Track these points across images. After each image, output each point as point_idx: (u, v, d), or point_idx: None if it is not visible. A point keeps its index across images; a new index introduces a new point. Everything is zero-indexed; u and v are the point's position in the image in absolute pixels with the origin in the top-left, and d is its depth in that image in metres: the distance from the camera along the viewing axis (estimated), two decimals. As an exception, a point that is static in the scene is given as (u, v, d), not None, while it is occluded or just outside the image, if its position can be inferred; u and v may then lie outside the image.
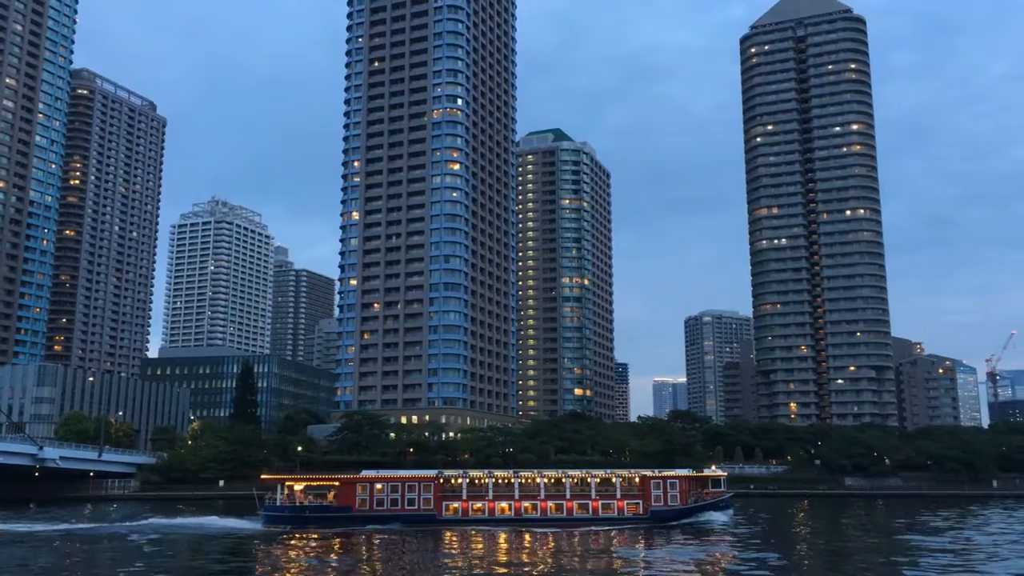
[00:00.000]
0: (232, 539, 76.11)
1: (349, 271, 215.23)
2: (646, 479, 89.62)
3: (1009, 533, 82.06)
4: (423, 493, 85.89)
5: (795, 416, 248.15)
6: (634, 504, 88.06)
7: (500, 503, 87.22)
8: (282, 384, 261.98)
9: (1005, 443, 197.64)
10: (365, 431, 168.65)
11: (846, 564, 60.79)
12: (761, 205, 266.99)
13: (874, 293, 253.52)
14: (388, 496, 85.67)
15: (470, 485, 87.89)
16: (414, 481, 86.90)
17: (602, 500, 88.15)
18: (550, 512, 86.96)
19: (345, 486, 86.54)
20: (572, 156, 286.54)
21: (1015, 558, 61.23)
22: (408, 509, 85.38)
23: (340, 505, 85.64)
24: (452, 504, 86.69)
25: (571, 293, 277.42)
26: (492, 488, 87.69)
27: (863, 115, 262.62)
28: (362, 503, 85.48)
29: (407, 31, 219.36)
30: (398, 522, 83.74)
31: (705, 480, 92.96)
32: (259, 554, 66.41)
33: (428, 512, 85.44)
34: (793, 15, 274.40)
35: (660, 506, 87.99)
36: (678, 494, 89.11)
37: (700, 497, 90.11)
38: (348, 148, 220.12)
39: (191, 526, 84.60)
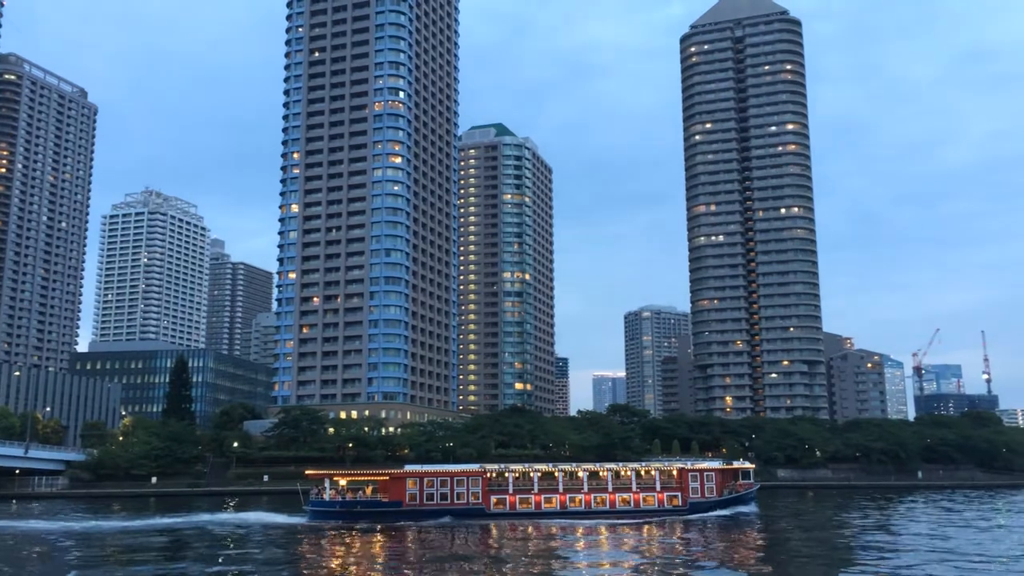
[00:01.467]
0: (302, 533, 75.10)
1: (288, 264, 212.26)
2: (684, 472, 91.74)
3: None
4: (471, 487, 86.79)
5: (731, 409, 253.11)
6: (674, 496, 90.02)
7: (546, 496, 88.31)
8: (218, 379, 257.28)
9: (929, 435, 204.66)
10: (303, 426, 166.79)
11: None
12: (699, 202, 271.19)
13: (807, 289, 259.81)
14: (438, 491, 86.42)
15: (516, 479, 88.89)
16: (463, 475, 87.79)
17: (643, 493, 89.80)
18: (594, 505, 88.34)
19: (395, 481, 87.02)
20: (515, 151, 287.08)
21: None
22: (457, 503, 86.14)
23: (391, 500, 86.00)
24: (500, 498, 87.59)
25: (512, 288, 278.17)
26: (538, 482, 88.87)
27: (798, 115, 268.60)
28: (412, 498, 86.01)
29: (349, 22, 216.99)
30: (448, 516, 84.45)
31: (736, 472, 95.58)
32: (360, 546, 66.35)
33: (477, 506, 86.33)
34: (732, 16, 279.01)
35: (698, 498, 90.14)
36: (714, 486, 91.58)
37: (734, 489, 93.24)
38: (287, 139, 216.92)
39: (233, 521, 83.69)
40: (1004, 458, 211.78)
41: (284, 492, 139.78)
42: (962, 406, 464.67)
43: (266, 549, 65.58)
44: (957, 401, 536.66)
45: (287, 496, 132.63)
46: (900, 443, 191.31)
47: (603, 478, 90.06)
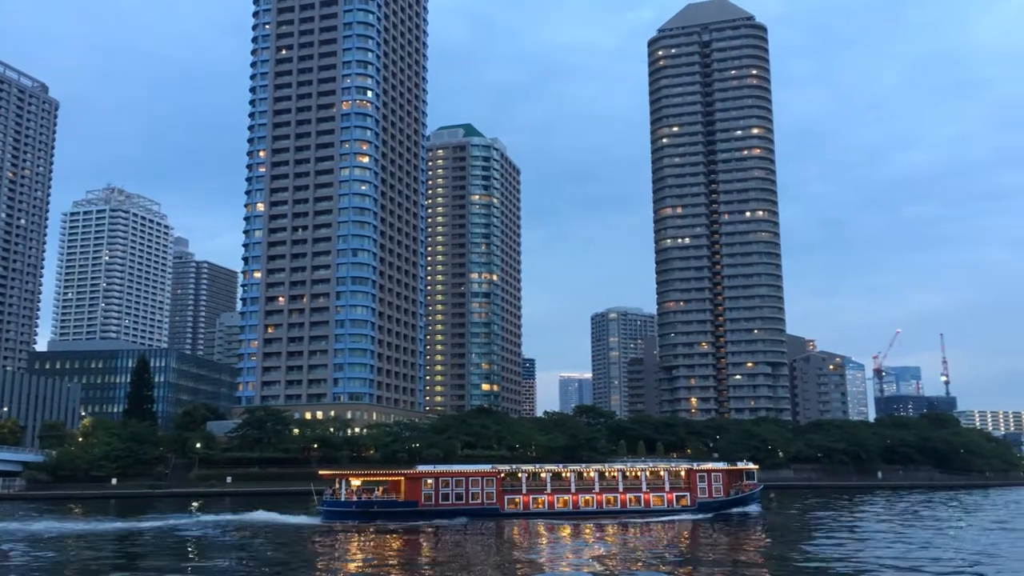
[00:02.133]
0: (319, 533, 75.25)
1: (253, 263, 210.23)
2: (692, 472, 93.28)
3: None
4: (486, 487, 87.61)
5: (695, 411, 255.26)
6: (683, 496, 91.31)
7: (559, 496, 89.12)
8: (180, 379, 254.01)
9: (889, 436, 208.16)
10: (268, 427, 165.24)
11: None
12: (666, 205, 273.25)
13: (771, 292, 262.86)
14: (453, 491, 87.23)
15: (529, 479, 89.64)
16: (477, 476, 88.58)
17: (653, 493, 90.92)
18: (605, 505, 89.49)
19: (411, 481, 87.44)
20: (483, 152, 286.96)
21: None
22: (473, 503, 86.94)
23: (407, 500, 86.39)
24: (514, 498, 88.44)
25: (480, 289, 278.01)
26: (550, 482, 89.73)
27: (763, 120, 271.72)
28: (427, 498, 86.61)
29: (316, 20, 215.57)
30: (464, 516, 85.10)
31: (740, 473, 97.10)
32: (397, 545, 66.80)
33: (492, 506, 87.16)
34: (699, 20, 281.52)
35: (706, 498, 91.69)
36: (721, 486, 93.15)
37: (740, 489, 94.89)
38: (253, 138, 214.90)
39: (241, 522, 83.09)
40: (962, 459, 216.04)
41: (248, 494, 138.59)
42: (921, 408, 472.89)
43: (299, 548, 66.00)
44: (916, 403, 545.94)
45: (251, 497, 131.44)
46: (861, 444, 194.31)
47: (614, 478, 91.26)
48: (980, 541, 68.00)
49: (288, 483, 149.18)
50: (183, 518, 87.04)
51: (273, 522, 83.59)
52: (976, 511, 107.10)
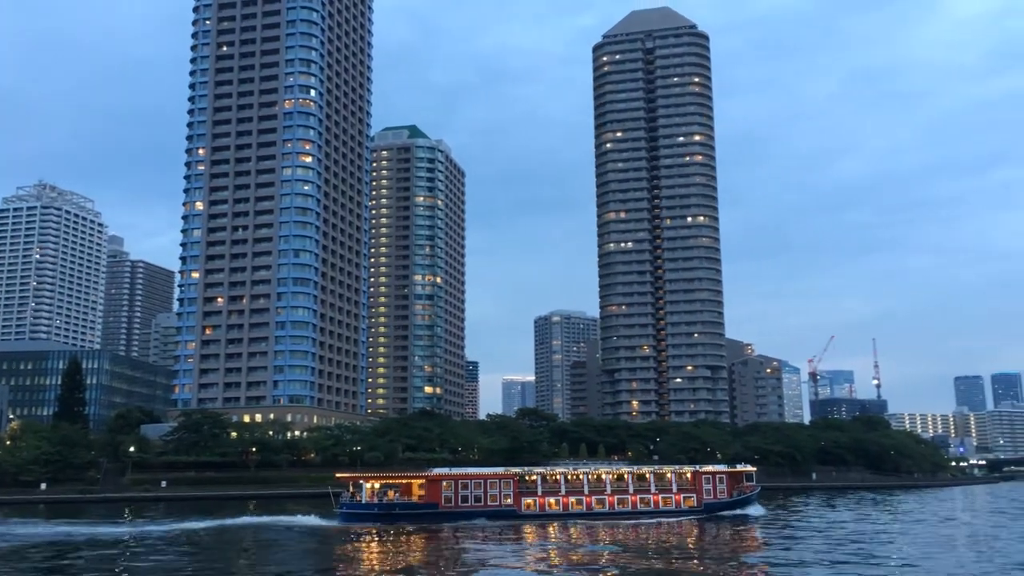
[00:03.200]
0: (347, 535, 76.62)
1: (191, 263, 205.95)
2: (697, 474, 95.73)
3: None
4: (503, 489, 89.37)
5: (637, 413, 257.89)
6: (689, 497, 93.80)
7: (572, 498, 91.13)
8: (114, 381, 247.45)
9: (823, 438, 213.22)
10: (204, 430, 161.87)
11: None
12: (610, 209, 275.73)
13: (711, 297, 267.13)
14: (472, 493, 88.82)
15: (544, 481, 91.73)
16: (495, 478, 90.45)
17: (661, 494, 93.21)
18: (617, 506, 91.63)
19: (431, 484, 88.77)
20: (428, 153, 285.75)
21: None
22: (490, 505, 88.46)
23: (427, 502, 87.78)
24: (530, 499, 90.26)
25: (423, 291, 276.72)
26: (564, 484, 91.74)
27: (705, 127, 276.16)
28: (447, 500, 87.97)
29: (258, 17, 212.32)
30: (482, 517, 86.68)
31: (741, 475, 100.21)
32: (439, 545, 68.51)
33: (509, 507, 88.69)
34: (643, 27, 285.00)
35: (711, 499, 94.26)
36: (725, 488, 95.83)
37: (741, 490, 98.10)
38: (193, 135, 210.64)
39: (261, 525, 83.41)
40: (892, 460, 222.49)
41: (184, 499, 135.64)
42: (854, 410, 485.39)
43: (341, 549, 67.34)
44: (849, 406, 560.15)
45: (188, 503, 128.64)
46: (796, 446, 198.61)
47: (624, 481, 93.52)
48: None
49: (226, 487, 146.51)
50: (204, 521, 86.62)
51: (297, 524, 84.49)
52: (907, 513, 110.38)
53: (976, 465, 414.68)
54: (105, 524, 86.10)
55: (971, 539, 73.27)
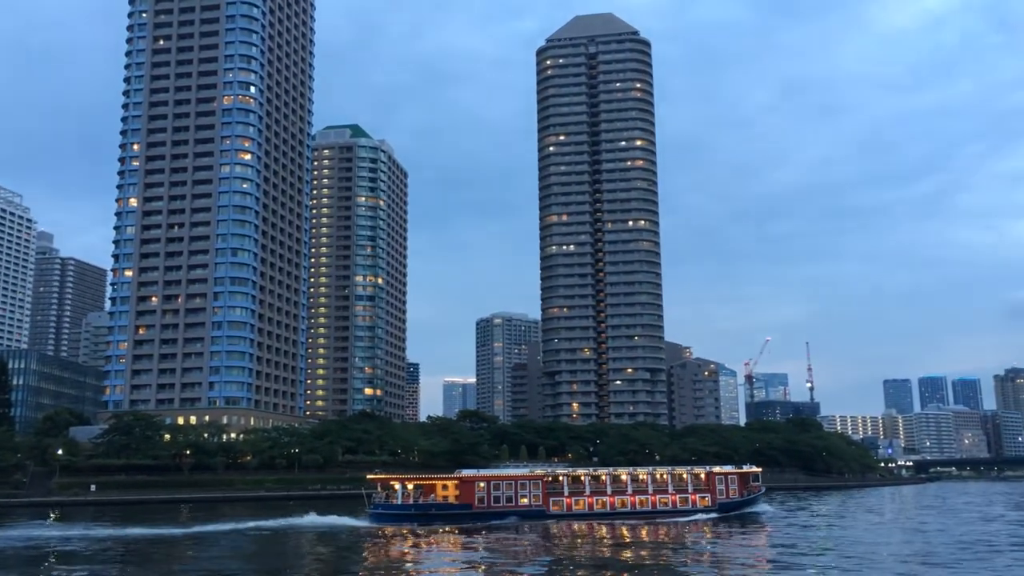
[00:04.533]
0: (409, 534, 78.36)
1: (124, 261, 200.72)
2: (711, 475, 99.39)
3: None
4: (532, 490, 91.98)
5: (577, 416, 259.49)
6: (704, 497, 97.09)
7: (597, 498, 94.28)
8: (42, 382, 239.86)
9: (758, 440, 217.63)
10: (136, 433, 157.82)
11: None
12: (552, 212, 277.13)
13: (651, 300, 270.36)
14: (504, 493, 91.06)
15: (570, 482, 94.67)
16: (525, 479, 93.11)
17: (678, 494, 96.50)
18: (638, 506, 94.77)
19: (465, 484, 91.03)
20: (370, 153, 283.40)
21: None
22: (521, 505, 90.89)
23: (461, 503, 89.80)
24: (557, 500, 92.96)
25: (364, 292, 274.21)
26: (589, 485, 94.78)
27: (646, 132, 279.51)
28: (480, 500, 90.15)
29: (197, 11, 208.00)
30: (513, 517, 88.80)
31: (749, 476, 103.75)
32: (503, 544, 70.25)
33: (538, 507, 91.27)
34: (586, 32, 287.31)
35: (724, 498, 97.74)
36: (736, 488, 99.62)
37: (751, 490, 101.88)
38: (127, 129, 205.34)
39: (292, 526, 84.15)
40: (824, 461, 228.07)
41: (114, 503, 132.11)
42: (788, 412, 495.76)
43: (421, 547, 69.73)
44: (783, 408, 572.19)
45: (118, 507, 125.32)
46: (732, 447, 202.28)
47: (643, 481, 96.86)
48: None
49: (158, 491, 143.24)
50: (245, 522, 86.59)
51: (330, 524, 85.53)
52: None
53: (904, 466, 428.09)
54: (141, 526, 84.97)
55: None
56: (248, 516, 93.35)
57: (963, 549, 64.17)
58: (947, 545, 67.28)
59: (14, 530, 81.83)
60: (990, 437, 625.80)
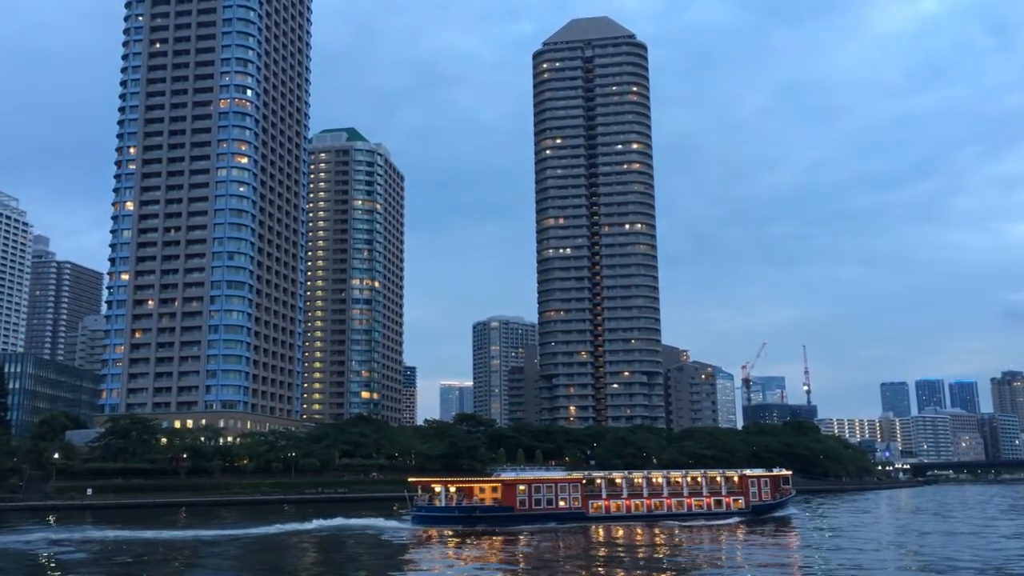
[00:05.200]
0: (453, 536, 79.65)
1: (120, 264, 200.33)
2: (744, 478, 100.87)
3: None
4: (572, 493, 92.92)
5: (574, 419, 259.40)
6: (738, 500, 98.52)
7: (634, 501, 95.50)
8: (38, 385, 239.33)
9: (755, 443, 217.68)
10: (133, 436, 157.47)
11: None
12: (549, 215, 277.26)
13: (648, 303, 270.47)
14: (544, 496, 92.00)
15: (608, 485, 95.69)
16: (564, 482, 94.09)
17: (713, 497, 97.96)
18: (674, 508, 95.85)
19: (507, 487, 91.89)
20: (367, 156, 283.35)
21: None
22: (561, 508, 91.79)
23: (503, 505, 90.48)
24: (596, 503, 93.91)
25: (361, 295, 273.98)
26: (626, 487, 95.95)
27: (642, 135, 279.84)
28: (521, 503, 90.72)
29: (194, 14, 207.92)
30: (554, 520, 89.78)
31: (780, 479, 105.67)
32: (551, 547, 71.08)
33: (578, 510, 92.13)
34: (583, 36, 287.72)
35: (757, 501, 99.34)
36: (769, 491, 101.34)
37: (782, 493, 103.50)
38: (124, 133, 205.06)
39: (336, 527, 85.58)
40: (821, 464, 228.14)
41: (111, 506, 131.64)
42: (785, 416, 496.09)
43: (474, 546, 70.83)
44: (780, 411, 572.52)
45: (115, 511, 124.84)
46: (730, 450, 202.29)
47: (679, 484, 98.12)
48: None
49: (154, 495, 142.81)
50: (312, 522, 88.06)
51: (376, 527, 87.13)
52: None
53: (901, 469, 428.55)
54: (171, 528, 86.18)
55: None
56: (286, 519, 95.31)
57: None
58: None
59: (32, 534, 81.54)
60: (987, 440, 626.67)
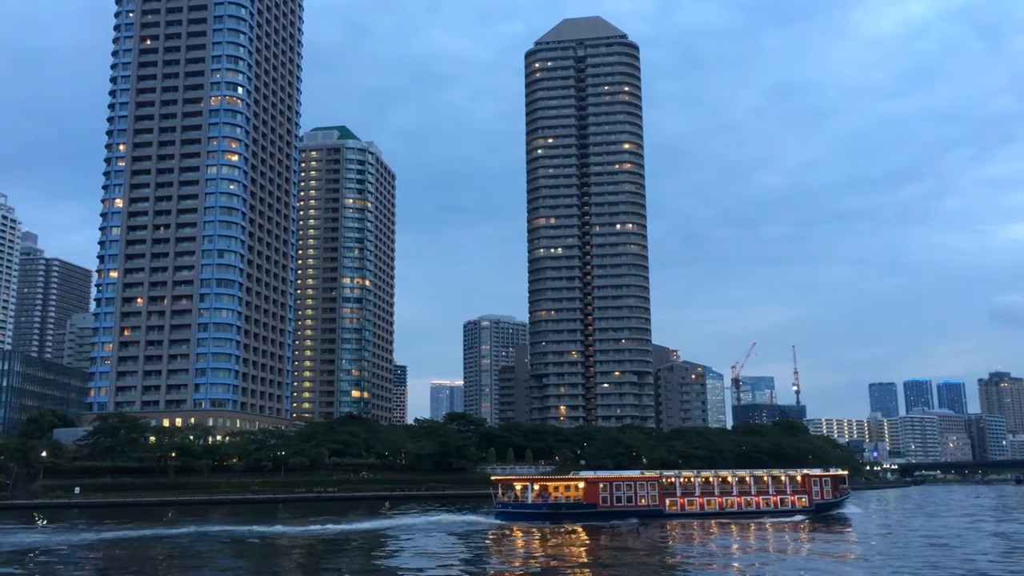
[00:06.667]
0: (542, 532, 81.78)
1: (109, 262, 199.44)
2: (807, 477, 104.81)
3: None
4: (650, 491, 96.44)
5: (564, 418, 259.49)
6: (802, 498, 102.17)
7: (707, 499, 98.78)
8: (26, 383, 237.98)
9: (745, 443, 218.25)
10: (121, 435, 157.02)
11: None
12: (540, 215, 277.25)
13: (638, 303, 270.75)
14: (624, 494, 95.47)
15: (683, 483, 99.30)
16: (644, 480, 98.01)
17: (779, 495, 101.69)
18: (744, 506, 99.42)
19: (590, 485, 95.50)
20: (358, 155, 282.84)
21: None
22: (640, 505, 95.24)
23: (588, 502, 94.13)
24: (672, 500, 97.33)
25: (352, 294, 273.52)
26: (699, 486, 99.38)
27: (634, 135, 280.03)
28: (604, 500, 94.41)
29: (184, 11, 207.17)
30: (634, 516, 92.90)
31: (838, 478, 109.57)
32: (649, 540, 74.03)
33: (656, 507, 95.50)
34: (575, 36, 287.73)
35: (819, 499, 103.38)
36: (830, 489, 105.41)
37: (841, 492, 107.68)
38: (113, 130, 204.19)
39: (428, 523, 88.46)
40: (810, 464, 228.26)
41: (99, 505, 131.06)
42: (774, 416, 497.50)
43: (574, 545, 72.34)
44: (770, 411, 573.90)
45: (103, 509, 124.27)
46: (719, 450, 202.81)
47: (748, 483, 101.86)
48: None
49: (143, 494, 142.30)
50: (367, 522, 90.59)
51: (466, 522, 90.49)
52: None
53: (889, 469, 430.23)
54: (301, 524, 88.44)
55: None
56: (366, 516, 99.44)
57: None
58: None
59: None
60: (974, 440, 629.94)
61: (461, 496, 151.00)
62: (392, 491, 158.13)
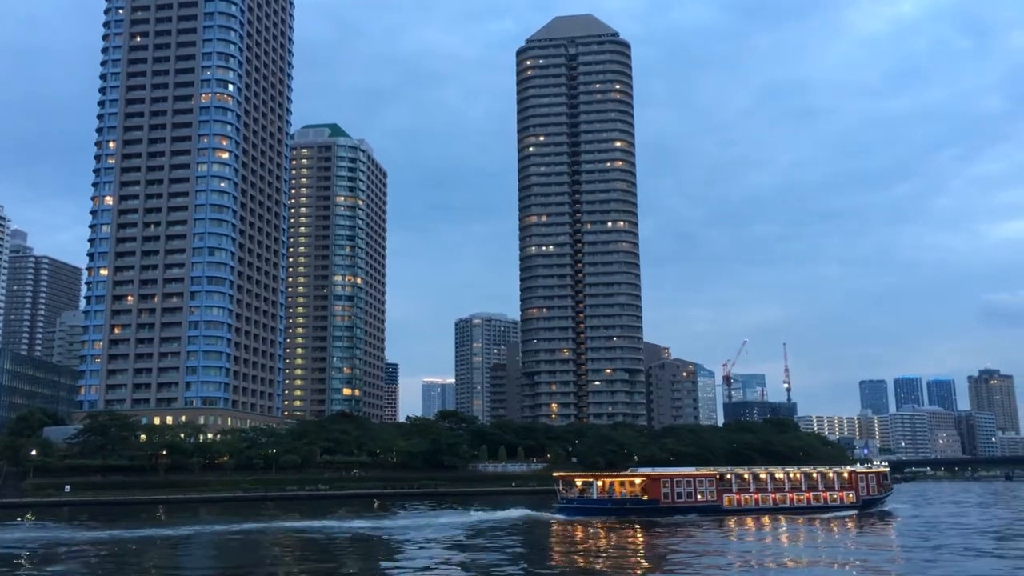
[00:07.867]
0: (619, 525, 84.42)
1: (100, 260, 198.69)
2: (854, 474, 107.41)
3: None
4: (708, 487, 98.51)
5: (556, 416, 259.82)
6: (850, 494, 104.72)
7: (761, 495, 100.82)
8: (15, 381, 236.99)
9: (736, 440, 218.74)
10: (112, 433, 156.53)
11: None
12: (531, 212, 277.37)
13: (630, 301, 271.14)
14: (684, 490, 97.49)
15: (738, 480, 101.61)
16: (702, 477, 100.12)
17: (828, 491, 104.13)
18: (795, 502, 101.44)
19: (651, 481, 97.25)
20: (349, 153, 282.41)
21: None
22: (699, 501, 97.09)
23: (650, 498, 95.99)
24: (729, 496, 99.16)
25: (343, 292, 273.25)
26: (753, 482, 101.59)
27: (625, 133, 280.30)
28: (665, 496, 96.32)
29: (175, 8, 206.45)
30: (694, 512, 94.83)
31: (883, 475, 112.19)
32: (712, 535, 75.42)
33: (714, 503, 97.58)
34: (566, 33, 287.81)
35: (866, 495, 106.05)
36: (876, 485, 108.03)
37: (885, 488, 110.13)
38: (103, 127, 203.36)
39: (496, 519, 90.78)
40: (800, 461, 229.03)
41: (89, 503, 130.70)
42: (765, 413, 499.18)
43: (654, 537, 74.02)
44: (760, 408, 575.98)
45: (94, 508, 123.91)
46: (710, 448, 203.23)
47: (798, 480, 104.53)
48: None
49: (134, 492, 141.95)
50: (432, 517, 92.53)
51: (537, 518, 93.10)
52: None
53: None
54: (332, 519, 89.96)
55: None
56: (423, 512, 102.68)
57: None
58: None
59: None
60: (964, 437, 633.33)
61: (453, 494, 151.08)
62: (384, 489, 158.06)
